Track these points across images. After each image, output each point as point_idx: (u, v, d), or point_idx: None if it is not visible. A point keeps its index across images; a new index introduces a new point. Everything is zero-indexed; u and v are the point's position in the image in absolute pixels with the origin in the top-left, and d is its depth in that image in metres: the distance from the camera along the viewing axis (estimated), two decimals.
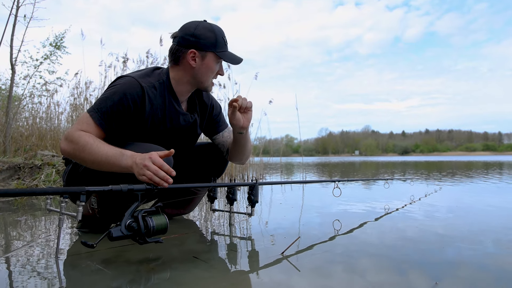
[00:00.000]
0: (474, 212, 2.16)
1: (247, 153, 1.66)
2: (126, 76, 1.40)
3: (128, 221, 1.00)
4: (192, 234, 1.55)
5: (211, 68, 1.42)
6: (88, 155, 1.20)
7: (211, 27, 1.42)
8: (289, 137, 16.22)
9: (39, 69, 5.90)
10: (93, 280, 0.94)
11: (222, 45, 1.42)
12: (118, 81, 1.38)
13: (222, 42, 1.42)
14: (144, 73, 1.43)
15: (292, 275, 0.98)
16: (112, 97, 1.31)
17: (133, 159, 1.16)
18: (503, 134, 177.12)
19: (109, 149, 1.20)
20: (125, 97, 1.31)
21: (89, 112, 1.30)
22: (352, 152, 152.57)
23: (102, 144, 1.22)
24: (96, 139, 1.23)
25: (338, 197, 1.98)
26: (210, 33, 1.39)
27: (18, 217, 1.92)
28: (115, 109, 1.30)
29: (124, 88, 1.33)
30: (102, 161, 1.19)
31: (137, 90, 1.33)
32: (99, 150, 1.19)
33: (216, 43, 1.40)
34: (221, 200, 2.55)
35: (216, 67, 1.44)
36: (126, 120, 1.34)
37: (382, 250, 1.26)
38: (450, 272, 1.01)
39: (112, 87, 1.37)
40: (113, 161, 1.18)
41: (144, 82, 1.36)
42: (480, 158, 27.08)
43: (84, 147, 1.20)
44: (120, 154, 1.19)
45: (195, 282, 0.93)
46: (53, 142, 4.66)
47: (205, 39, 1.38)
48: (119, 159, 1.18)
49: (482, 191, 3.46)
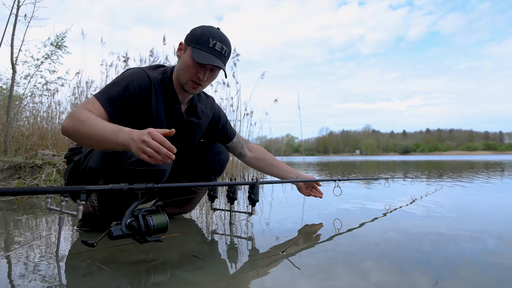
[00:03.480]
0: (475, 211, 2.15)
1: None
2: (134, 67, 1.44)
3: (129, 220, 1.00)
4: (192, 233, 1.55)
5: (186, 63, 1.38)
6: (87, 130, 1.17)
7: (208, 28, 1.40)
8: (289, 137, 16.21)
9: (40, 69, 5.91)
10: (94, 279, 0.94)
11: (203, 44, 1.35)
12: (127, 71, 1.42)
13: (204, 41, 1.35)
14: (150, 67, 1.47)
15: (292, 274, 0.98)
16: (119, 83, 1.34)
17: (131, 135, 1.10)
18: (504, 133, 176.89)
19: (107, 125, 1.17)
20: (132, 85, 1.34)
21: (96, 96, 1.32)
22: (352, 151, 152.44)
23: (102, 120, 1.20)
24: (97, 117, 1.21)
25: (339, 196, 1.98)
26: (200, 30, 1.39)
27: (19, 216, 1.92)
28: (121, 94, 1.32)
29: (132, 76, 1.36)
30: (100, 136, 1.15)
31: (144, 80, 1.37)
32: (97, 125, 1.17)
33: (197, 40, 1.36)
34: (221, 199, 2.55)
35: (192, 65, 1.37)
36: (131, 108, 1.35)
37: (383, 248, 1.26)
38: (452, 271, 1.01)
39: (120, 75, 1.41)
40: (110, 136, 1.14)
41: (151, 74, 1.40)
42: (481, 158, 27.04)
43: (84, 122, 1.18)
44: (117, 129, 1.15)
45: (196, 281, 0.92)
46: (54, 141, 4.67)
47: (192, 34, 1.40)
48: (116, 134, 1.13)
49: (484, 190, 3.46)
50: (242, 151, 1.84)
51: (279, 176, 1.84)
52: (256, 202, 1.56)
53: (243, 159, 1.87)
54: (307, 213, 2.08)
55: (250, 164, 1.88)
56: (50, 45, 5.98)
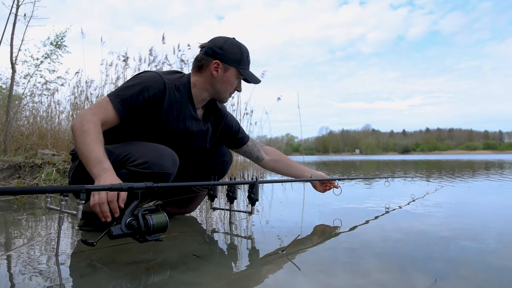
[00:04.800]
0: (476, 210, 2.15)
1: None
2: (150, 71, 1.47)
3: (128, 219, 1.00)
4: (192, 232, 1.55)
5: (230, 82, 1.49)
6: (80, 142, 1.19)
7: (239, 45, 1.50)
8: (289, 136, 16.19)
9: (39, 68, 5.90)
10: (93, 278, 0.94)
11: (245, 63, 1.51)
12: (143, 74, 1.44)
13: (246, 61, 1.51)
14: (167, 72, 1.50)
15: (293, 273, 0.98)
16: (134, 86, 1.36)
17: (99, 175, 1.11)
18: (503, 132, 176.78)
19: (96, 149, 1.17)
20: (146, 89, 1.36)
21: (109, 97, 1.34)
22: (352, 151, 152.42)
23: (96, 141, 1.20)
24: (97, 134, 1.22)
25: (339, 196, 1.98)
26: (236, 49, 1.48)
27: (19, 216, 1.92)
28: (135, 98, 1.34)
29: (148, 80, 1.38)
30: (84, 155, 1.17)
31: (159, 85, 1.39)
32: (89, 144, 1.17)
33: (240, 60, 1.48)
34: (221, 198, 2.55)
35: (235, 82, 1.51)
36: (143, 113, 1.38)
37: (383, 248, 1.26)
38: (451, 270, 1.01)
39: (135, 78, 1.42)
40: (89, 162, 1.15)
41: (167, 80, 1.42)
42: (480, 157, 27.04)
43: (82, 133, 1.20)
44: (97, 161, 1.14)
45: (196, 280, 0.92)
46: (54, 141, 4.67)
47: (231, 54, 1.46)
48: (93, 165, 1.14)
49: (484, 189, 3.46)
50: (259, 154, 1.87)
51: (296, 175, 1.89)
52: (256, 201, 1.56)
53: (260, 162, 1.90)
54: (307, 212, 2.08)
55: (267, 167, 1.90)
56: (49, 44, 5.98)
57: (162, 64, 5.12)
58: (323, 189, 1.92)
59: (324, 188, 1.92)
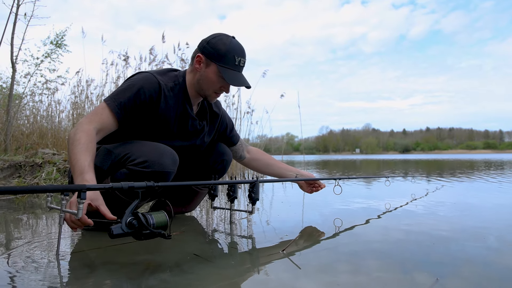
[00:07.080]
0: (476, 209, 2.15)
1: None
2: (144, 72, 1.45)
3: (129, 219, 1.00)
4: (192, 232, 1.55)
5: (211, 79, 1.42)
6: (70, 151, 1.20)
7: (229, 43, 1.41)
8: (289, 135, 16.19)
9: (40, 68, 5.89)
10: (93, 278, 0.94)
11: (229, 62, 1.40)
12: (137, 76, 1.43)
13: (230, 59, 1.40)
14: (161, 71, 1.48)
15: (293, 273, 0.98)
16: (130, 89, 1.36)
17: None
18: (504, 132, 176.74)
19: (82, 160, 1.16)
20: (142, 91, 1.36)
21: (106, 101, 1.34)
22: (352, 150, 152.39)
23: (85, 151, 1.19)
24: (87, 144, 1.20)
25: (339, 195, 1.98)
26: (222, 46, 1.40)
27: (19, 215, 1.92)
28: (132, 100, 1.34)
29: (143, 82, 1.38)
30: (71, 163, 1.17)
31: (154, 86, 1.38)
32: (77, 154, 1.17)
33: (222, 57, 1.39)
34: (221, 198, 2.55)
35: (217, 80, 1.42)
36: (140, 114, 1.38)
37: (384, 247, 1.26)
38: (452, 269, 1.01)
39: (130, 80, 1.42)
40: (74, 171, 1.15)
41: (162, 80, 1.41)
42: (481, 156, 27.04)
43: (74, 142, 1.20)
44: (80, 171, 1.13)
45: (196, 279, 0.92)
46: (54, 140, 4.67)
47: (214, 49, 1.40)
48: (76, 174, 1.14)
49: (485, 189, 3.46)
50: (242, 153, 1.88)
51: (277, 174, 1.85)
52: (257, 201, 1.55)
53: (242, 161, 1.91)
54: (307, 212, 2.08)
55: (248, 165, 1.91)
56: (50, 43, 5.97)
57: (162, 63, 5.11)
58: (310, 190, 1.85)
59: (311, 189, 1.85)
